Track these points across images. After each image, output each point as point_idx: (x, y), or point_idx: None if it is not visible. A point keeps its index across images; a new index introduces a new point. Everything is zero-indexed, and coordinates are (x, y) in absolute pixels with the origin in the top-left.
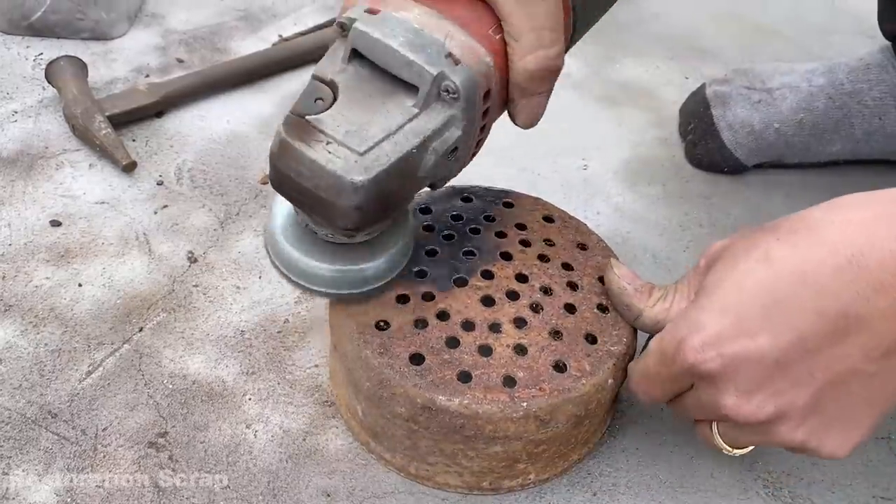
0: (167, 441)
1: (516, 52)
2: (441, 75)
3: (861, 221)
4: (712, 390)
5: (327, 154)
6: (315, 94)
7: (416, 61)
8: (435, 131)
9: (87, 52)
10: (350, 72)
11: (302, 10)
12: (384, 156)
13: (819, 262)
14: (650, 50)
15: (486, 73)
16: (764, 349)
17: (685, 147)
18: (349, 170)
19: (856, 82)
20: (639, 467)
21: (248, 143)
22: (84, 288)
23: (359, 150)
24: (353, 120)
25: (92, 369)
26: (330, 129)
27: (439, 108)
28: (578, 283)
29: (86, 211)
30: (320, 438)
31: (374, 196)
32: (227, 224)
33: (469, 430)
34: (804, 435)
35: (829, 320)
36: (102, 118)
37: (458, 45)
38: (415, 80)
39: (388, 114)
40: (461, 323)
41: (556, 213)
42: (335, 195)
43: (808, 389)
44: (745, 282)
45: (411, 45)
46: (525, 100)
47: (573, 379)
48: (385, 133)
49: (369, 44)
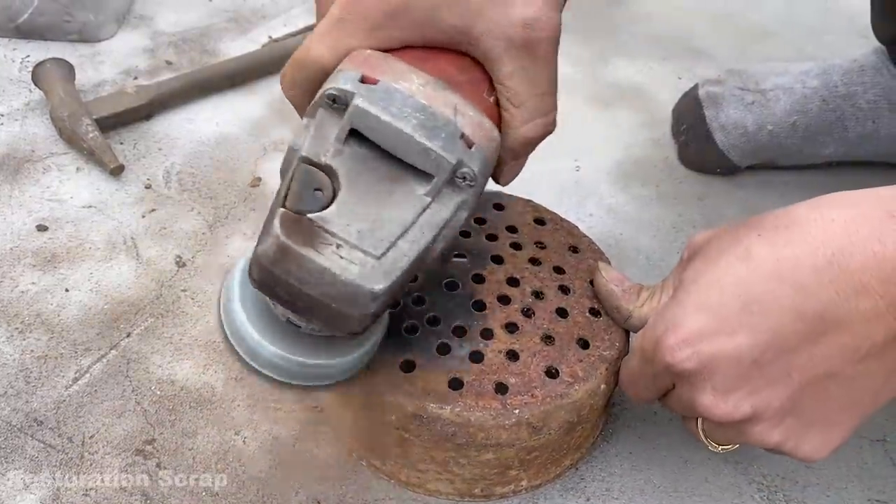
0: (155, 448)
1: (516, 118)
2: (459, 163)
3: (843, 221)
4: (690, 389)
5: (339, 260)
6: (311, 182)
7: (432, 149)
8: (447, 220)
9: (74, 54)
10: (348, 154)
11: (292, 11)
12: (402, 257)
13: (799, 260)
14: (643, 50)
15: (495, 151)
16: (742, 348)
17: (678, 148)
18: (367, 277)
19: (850, 85)
20: (632, 472)
21: (238, 145)
22: (71, 293)
23: (375, 253)
24: (362, 216)
25: (79, 376)
26: (339, 230)
27: (451, 193)
28: (570, 287)
29: (73, 215)
30: (310, 445)
31: (389, 299)
32: (215, 228)
33: (461, 438)
34: (780, 436)
35: (807, 320)
36: (90, 121)
37: (469, 124)
38: (430, 168)
39: (400, 205)
40: (452, 328)
41: (547, 215)
42: (349, 305)
43: (785, 390)
44: (724, 279)
45: (424, 129)
46: (514, 162)
47: (565, 385)
48: (401, 230)
49: (374, 125)
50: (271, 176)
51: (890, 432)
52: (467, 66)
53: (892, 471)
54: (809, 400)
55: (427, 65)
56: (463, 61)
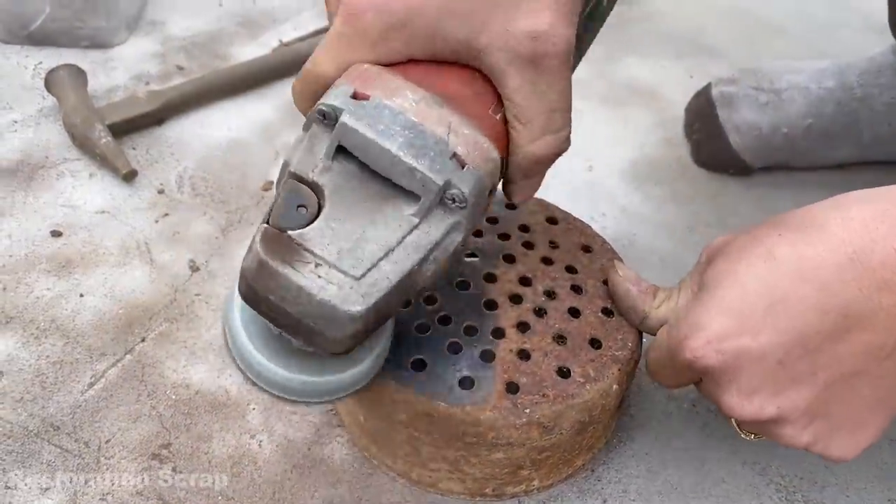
0: (171, 452)
1: (523, 136)
2: (448, 184)
3: (863, 219)
4: (715, 387)
5: (317, 279)
6: (296, 199)
7: (418, 169)
8: (437, 242)
9: (86, 60)
10: (336, 171)
11: (302, 15)
12: (383, 279)
13: (820, 259)
14: (654, 49)
15: (493, 172)
16: (766, 348)
17: (691, 147)
18: (345, 299)
19: (866, 86)
20: (649, 473)
21: (250, 149)
22: (85, 298)
23: (354, 273)
24: (344, 235)
25: (94, 381)
26: (318, 249)
27: (441, 215)
28: (583, 287)
29: (86, 221)
30: (325, 448)
31: (371, 322)
32: (228, 232)
33: (471, 437)
34: (809, 437)
35: (830, 318)
36: (102, 127)
37: (464, 143)
38: (416, 188)
39: (385, 226)
40: (463, 328)
41: (559, 214)
42: (326, 326)
43: (810, 390)
44: (747, 279)
45: (411, 147)
46: (525, 181)
47: (577, 385)
48: (383, 251)
49: (360, 143)
50: None
51: None
52: (473, 81)
53: None
54: (837, 400)
55: (430, 79)
56: (469, 75)
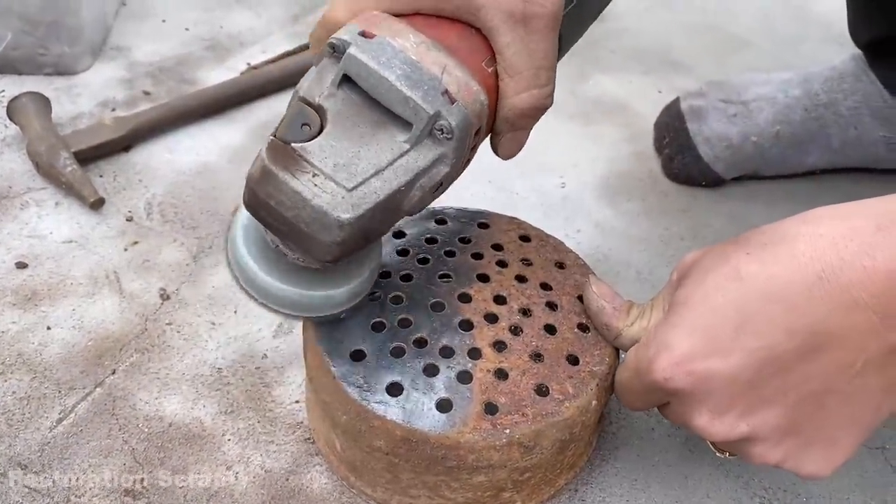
0: (144, 488)
1: (510, 88)
2: (437, 114)
3: (832, 236)
4: (685, 408)
5: (313, 187)
6: (301, 118)
7: (412, 97)
8: (424, 169)
9: (50, 87)
10: (340, 98)
11: (270, 38)
12: (372, 193)
13: (788, 278)
14: (622, 65)
15: (480, 113)
16: (736, 369)
17: (662, 161)
18: (336, 206)
19: (830, 92)
20: (633, 490)
21: (219, 174)
22: (53, 331)
23: (347, 185)
24: (341, 151)
25: (63, 416)
26: (317, 160)
27: (430, 145)
28: (557, 303)
29: (53, 251)
30: (304, 478)
31: (358, 232)
32: (199, 258)
33: (451, 461)
34: (781, 455)
35: (799, 337)
36: (68, 154)
37: (455, 82)
38: (409, 116)
39: (379, 147)
40: (439, 349)
41: (532, 232)
42: (318, 230)
43: (781, 409)
44: (715, 299)
45: (408, 80)
46: (511, 133)
47: (556, 402)
48: (375, 169)
49: (363, 72)
50: None
51: (889, 440)
52: (470, 36)
53: (894, 479)
54: (808, 417)
55: (431, 30)
56: (466, 31)
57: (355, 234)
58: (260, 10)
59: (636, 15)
